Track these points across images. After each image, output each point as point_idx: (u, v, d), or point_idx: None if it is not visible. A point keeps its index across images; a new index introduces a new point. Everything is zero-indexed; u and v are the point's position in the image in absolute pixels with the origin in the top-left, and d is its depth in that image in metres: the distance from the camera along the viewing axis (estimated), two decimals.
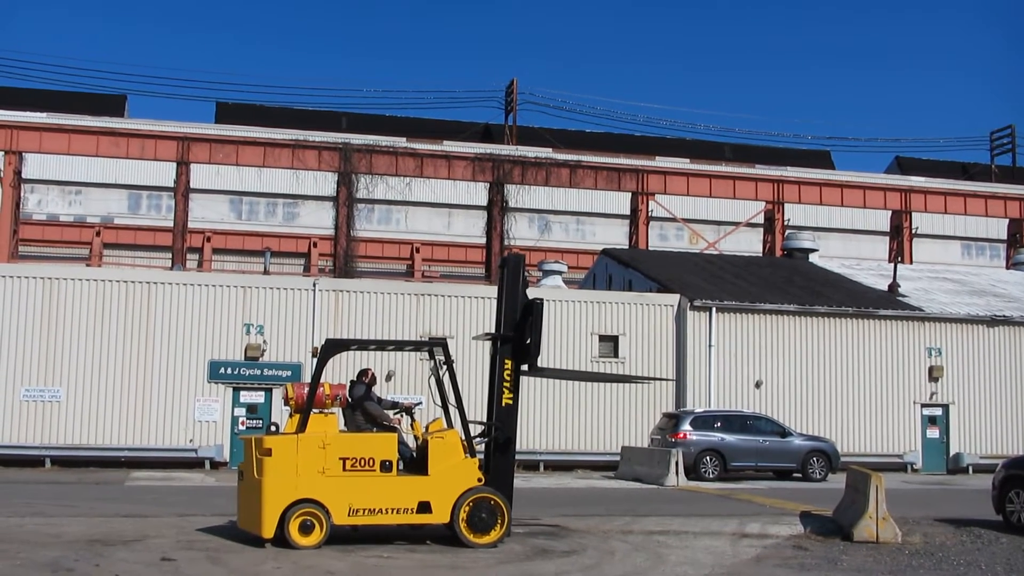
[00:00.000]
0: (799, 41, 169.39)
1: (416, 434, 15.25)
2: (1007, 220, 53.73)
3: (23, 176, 43.88)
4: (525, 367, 15.17)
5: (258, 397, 30.37)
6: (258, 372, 30.29)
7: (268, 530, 13.83)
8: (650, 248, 47.89)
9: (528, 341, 15.01)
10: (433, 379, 15.45)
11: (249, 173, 54.50)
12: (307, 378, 25.79)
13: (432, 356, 15.67)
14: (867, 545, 15.88)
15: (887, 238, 53.99)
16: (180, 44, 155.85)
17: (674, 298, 33.56)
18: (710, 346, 33.04)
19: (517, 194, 46.96)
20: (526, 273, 15.85)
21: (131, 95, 70.56)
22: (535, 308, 15.06)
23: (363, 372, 15.43)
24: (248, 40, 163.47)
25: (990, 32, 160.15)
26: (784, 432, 29.81)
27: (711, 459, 28.50)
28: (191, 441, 29.69)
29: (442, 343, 15.34)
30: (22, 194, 44.64)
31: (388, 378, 30.46)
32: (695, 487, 25.76)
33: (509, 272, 15.65)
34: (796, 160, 69.57)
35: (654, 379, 30.70)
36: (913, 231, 51.29)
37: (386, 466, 14.25)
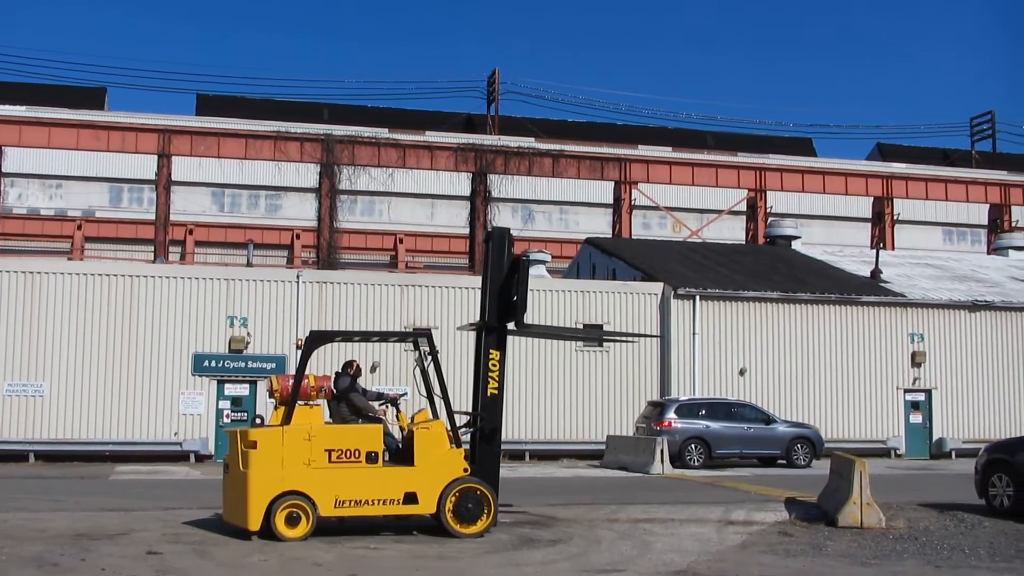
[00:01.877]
0: (780, 29, 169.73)
1: (402, 425, 15.25)
2: (988, 205, 54.04)
3: (3, 170, 43.66)
4: (512, 325, 15.18)
5: (243, 390, 30.29)
6: (242, 365, 30.22)
7: (254, 523, 13.82)
8: (633, 237, 47.95)
9: (515, 299, 15.02)
10: (418, 370, 15.43)
11: (231, 165, 54.29)
12: (292, 370, 25.74)
13: (417, 347, 15.65)
14: (851, 530, 15.96)
15: (869, 224, 54.23)
16: (160, 36, 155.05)
17: (658, 286, 33.61)
18: (694, 334, 33.11)
19: (500, 184, 46.93)
20: (512, 248, 15.65)
21: (111, 87, 70.40)
22: (520, 266, 15.09)
23: (348, 364, 15.40)
24: (229, 32, 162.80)
25: (971, 19, 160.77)
26: (768, 419, 29.92)
27: (696, 447, 28.58)
28: (176, 434, 29.60)
29: (426, 334, 15.34)
30: (2, 188, 44.46)
31: (373, 369, 30.44)
32: (680, 475, 25.84)
33: (494, 247, 15.49)
34: (778, 147, 69.75)
35: (640, 335, 30.73)
36: (895, 217, 51.51)
37: (372, 457, 14.25)
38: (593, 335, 31.31)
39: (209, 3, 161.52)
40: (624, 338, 30.15)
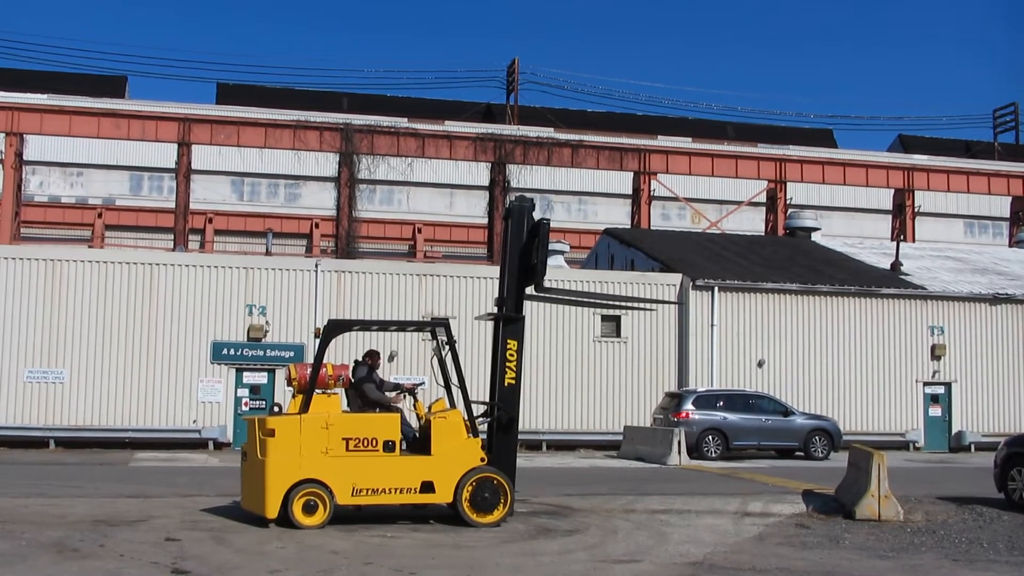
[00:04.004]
0: (801, 19, 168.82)
1: (419, 414, 15.27)
2: (1010, 198, 53.63)
3: (24, 158, 43.81)
4: (531, 288, 15.19)
5: (261, 378, 30.42)
6: (261, 353, 30.34)
7: (272, 510, 13.88)
8: (652, 227, 47.85)
9: (535, 262, 15.01)
10: (435, 359, 15.45)
11: (251, 154, 54.39)
12: (310, 359, 25.82)
13: (434, 336, 15.67)
14: (869, 523, 15.92)
15: (890, 216, 53.90)
16: (181, 25, 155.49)
17: (676, 277, 33.54)
18: (712, 325, 33.05)
19: (519, 174, 46.85)
20: (532, 217, 15.47)
21: (132, 76, 70.34)
22: (541, 228, 15.07)
23: (369, 353, 15.44)
24: (248, 21, 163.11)
25: (991, 10, 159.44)
26: (786, 411, 29.84)
27: (713, 438, 28.55)
28: (194, 422, 29.76)
29: (444, 323, 15.35)
30: (24, 176, 44.59)
31: (391, 358, 30.51)
32: (697, 466, 25.80)
33: (514, 223, 15.43)
34: (798, 139, 69.37)
35: (660, 302, 30.54)
36: (916, 209, 51.20)
37: (389, 446, 14.28)
38: (611, 301, 30.70)
39: None
40: (643, 305, 29.62)
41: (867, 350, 34.19)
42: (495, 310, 15.71)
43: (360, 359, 15.38)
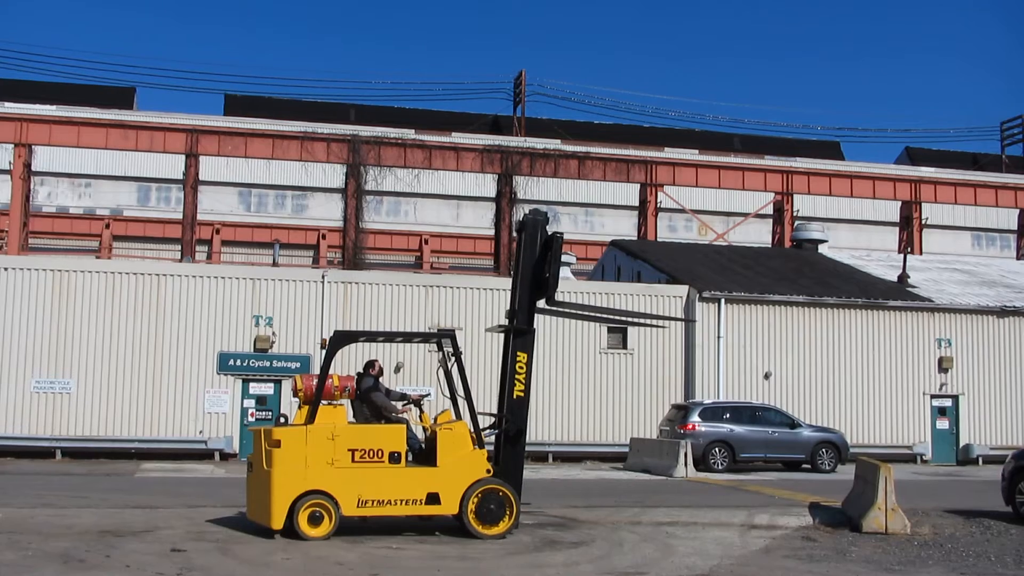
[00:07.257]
0: (808, 31, 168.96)
1: (425, 425, 15.27)
2: (1017, 210, 53.56)
3: (33, 169, 43.95)
4: (542, 302, 15.23)
5: (267, 389, 30.45)
6: (267, 364, 30.37)
7: (277, 521, 13.87)
8: (659, 239, 47.83)
9: (547, 275, 15.06)
10: (441, 370, 15.45)
11: (258, 165, 54.51)
12: (316, 370, 25.84)
13: (440, 348, 15.67)
14: (876, 536, 15.86)
15: (897, 229, 53.84)
16: (188, 36, 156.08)
17: (683, 289, 33.53)
18: (719, 337, 33.01)
19: (526, 185, 46.89)
20: (546, 231, 15.46)
21: (140, 87, 70.78)
22: (554, 243, 15.13)
23: (370, 363, 15.44)
24: (256, 32, 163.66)
25: (998, 22, 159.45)
26: (793, 423, 29.78)
27: (720, 450, 28.49)
28: (201, 433, 29.79)
29: (450, 335, 15.36)
30: (32, 186, 44.71)
31: (397, 370, 30.51)
32: (704, 478, 25.76)
33: (527, 236, 15.42)
34: (805, 151, 69.35)
35: (672, 319, 30.49)
36: (923, 222, 51.11)
37: (395, 457, 14.27)
38: (623, 316, 30.60)
39: (237, 3, 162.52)
40: (655, 322, 29.49)
41: (874, 362, 34.13)
42: (506, 322, 15.72)
43: (363, 370, 15.40)
